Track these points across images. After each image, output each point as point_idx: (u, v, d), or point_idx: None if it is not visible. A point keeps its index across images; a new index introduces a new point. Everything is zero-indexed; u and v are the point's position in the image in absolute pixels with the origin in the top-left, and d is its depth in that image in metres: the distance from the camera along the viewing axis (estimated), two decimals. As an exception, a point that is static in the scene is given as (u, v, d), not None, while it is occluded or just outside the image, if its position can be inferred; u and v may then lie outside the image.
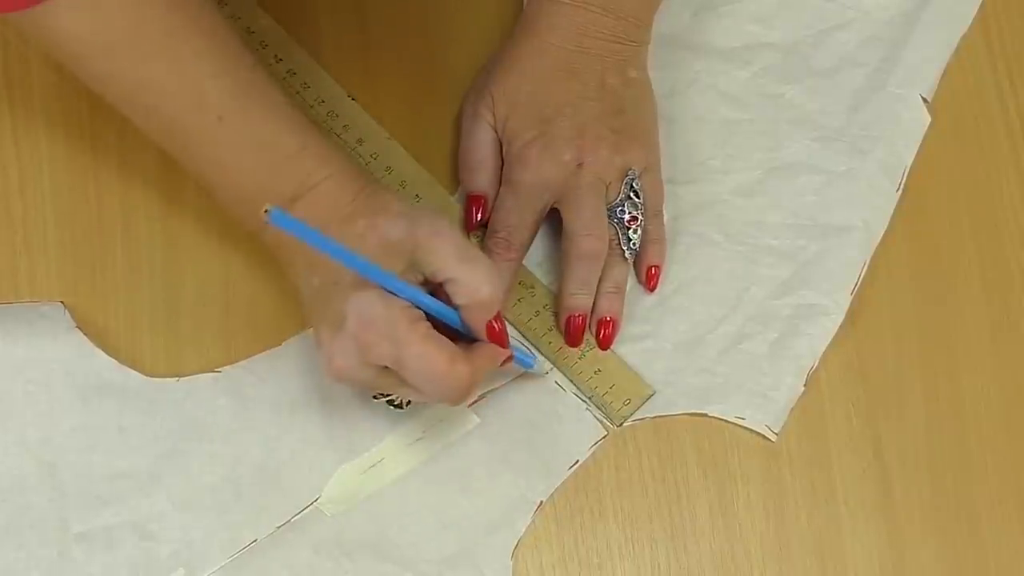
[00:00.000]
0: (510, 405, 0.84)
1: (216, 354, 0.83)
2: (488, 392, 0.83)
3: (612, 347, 0.85)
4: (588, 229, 0.82)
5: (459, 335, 0.76)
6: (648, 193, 0.84)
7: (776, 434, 0.85)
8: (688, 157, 0.89)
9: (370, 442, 0.83)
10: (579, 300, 0.84)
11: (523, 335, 0.84)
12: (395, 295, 0.72)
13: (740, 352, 0.86)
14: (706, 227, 0.88)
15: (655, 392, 0.85)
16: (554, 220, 0.86)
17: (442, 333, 0.74)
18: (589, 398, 0.84)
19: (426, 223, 0.74)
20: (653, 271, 0.86)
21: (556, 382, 0.85)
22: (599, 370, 0.84)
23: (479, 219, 0.85)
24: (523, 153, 0.81)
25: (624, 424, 0.84)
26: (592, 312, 0.85)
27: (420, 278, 0.74)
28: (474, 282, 0.74)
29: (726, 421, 0.85)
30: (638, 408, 0.84)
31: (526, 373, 0.84)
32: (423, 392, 0.74)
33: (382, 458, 0.82)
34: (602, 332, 0.85)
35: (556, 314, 0.85)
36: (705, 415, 0.85)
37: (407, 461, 0.83)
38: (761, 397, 0.85)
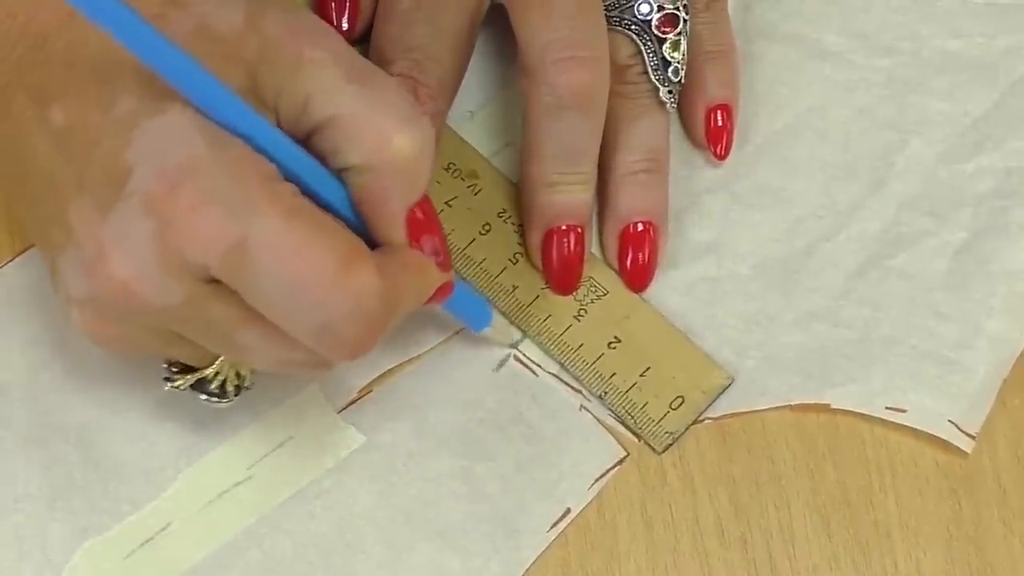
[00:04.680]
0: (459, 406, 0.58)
1: None
2: (397, 368, 0.57)
3: (648, 287, 0.62)
4: (569, 44, 0.59)
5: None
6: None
7: (972, 437, 0.59)
8: None
9: (140, 492, 0.56)
10: (563, 196, 0.61)
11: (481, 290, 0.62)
12: (229, 134, 0.50)
13: (887, 276, 0.61)
14: (809, 24, 0.65)
15: (732, 380, 0.61)
16: (495, 40, 0.63)
17: None
18: (605, 401, 0.60)
19: (281, 15, 0.53)
20: (720, 117, 0.63)
21: (517, 356, 0.60)
22: (616, 339, 0.60)
23: (347, 26, 0.63)
24: None
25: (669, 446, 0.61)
26: (605, 216, 0.62)
27: (272, 118, 0.52)
28: (380, 123, 0.51)
29: (865, 418, 0.59)
30: (703, 411, 0.61)
31: (470, 335, 0.59)
32: (285, 327, 0.50)
33: (168, 523, 0.56)
34: (630, 255, 0.61)
35: (522, 231, 0.61)
36: (827, 407, 0.59)
37: (219, 525, 0.56)
38: (942, 366, 0.60)
